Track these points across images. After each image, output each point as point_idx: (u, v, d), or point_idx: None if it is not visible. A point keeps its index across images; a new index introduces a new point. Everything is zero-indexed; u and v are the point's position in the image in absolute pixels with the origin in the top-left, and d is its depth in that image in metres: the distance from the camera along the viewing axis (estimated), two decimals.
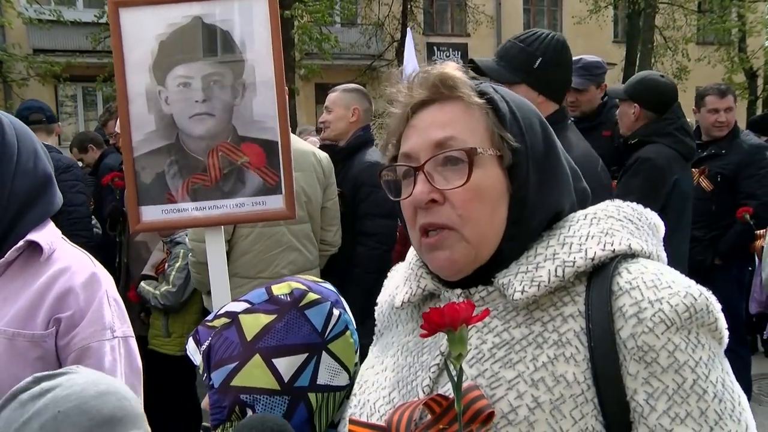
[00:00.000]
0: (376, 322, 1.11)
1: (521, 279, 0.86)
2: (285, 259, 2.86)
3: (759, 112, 17.70)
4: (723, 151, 3.95)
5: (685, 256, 3.15)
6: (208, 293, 2.81)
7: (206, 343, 1.01)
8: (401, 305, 0.97)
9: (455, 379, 0.75)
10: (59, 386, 1.03)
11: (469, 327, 0.74)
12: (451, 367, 0.75)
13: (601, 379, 0.79)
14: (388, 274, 1.13)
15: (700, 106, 4.03)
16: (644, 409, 0.77)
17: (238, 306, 1.02)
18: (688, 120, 3.52)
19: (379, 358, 1.02)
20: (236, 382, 0.95)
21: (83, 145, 5.08)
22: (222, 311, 1.03)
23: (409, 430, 0.78)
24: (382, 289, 1.12)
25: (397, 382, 0.93)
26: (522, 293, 0.85)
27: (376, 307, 1.12)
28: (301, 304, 1.00)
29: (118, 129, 3.83)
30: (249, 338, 0.97)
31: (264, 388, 0.95)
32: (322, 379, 0.98)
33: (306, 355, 0.97)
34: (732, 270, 4.06)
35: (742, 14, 18.08)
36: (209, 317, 1.05)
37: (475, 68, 2.18)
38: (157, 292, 3.30)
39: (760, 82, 19.84)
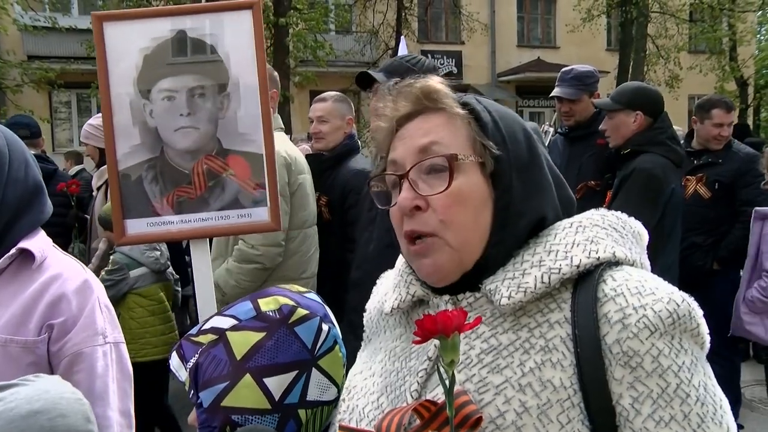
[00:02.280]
0: (364, 328, 1.12)
1: (508, 285, 0.87)
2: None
3: (750, 120, 17.88)
4: (720, 160, 3.98)
5: (677, 263, 3.17)
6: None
7: (193, 360, 0.99)
8: (391, 311, 0.99)
9: (447, 385, 0.75)
10: (1, 400, 1.00)
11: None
12: (443, 373, 0.76)
13: (588, 384, 0.80)
14: (377, 281, 1.15)
15: (704, 118, 4.01)
16: (630, 413, 0.79)
17: (225, 322, 1.00)
18: (679, 129, 3.54)
19: (367, 363, 1.03)
20: (227, 402, 0.94)
21: None
22: (207, 326, 1.01)
23: None
24: (371, 296, 1.14)
25: (385, 387, 0.94)
26: (509, 299, 0.86)
27: (364, 314, 1.13)
28: (290, 321, 0.98)
29: None
30: (239, 357, 0.95)
31: (255, 408, 0.94)
32: (311, 396, 0.97)
33: (296, 372, 0.96)
34: (729, 275, 4.09)
35: (732, 24, 18.27)
36: (193, 331, 1.03)
37: (363, 80, 2.25)
38: None
39: (750, 90, 20.03)
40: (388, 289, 1.03)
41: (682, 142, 4.15)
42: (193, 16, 1.63)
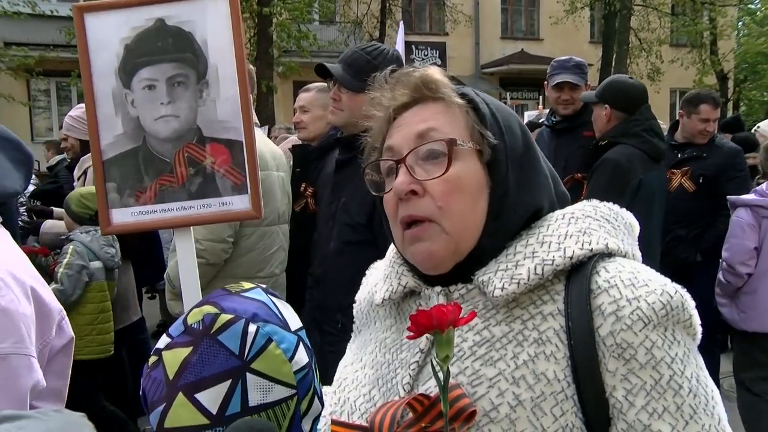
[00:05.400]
0: (354, 319, 1.11)
1: (501, 276, 0.87)
2: (277, 258, 2.88)
3: (729, 113, 18.12)
4: (704, 154, 4.03)
5: (655, 255, 3.20)
6: (175, 299, 2.76)
7: (142, 387, 0.96)
8: (381, 302, 0.98)
9: (441, 380, 0.75)
10: None
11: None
12: (437, 369, 0.75)
13: (581, 376, 0.80)
14: (367, 271, 1.14)
15: (692, 113, 4.05)
16: (623, 405, 0.79)
17: (163, 341, 0.97)
18: (660, 122, 3.57)
19: (358, 355, 1.02)
20: (168, 424, 0.91)
21: None
22: (155, 347, 0.98)
23: (392, 430, 0.78)
24: (361, 287, 1.13)
25: (377, 380, 0.93)
26: (502, 290, 0.85)
27: (354, 305, 1.12)
28: (212, 331, 0.93)
29: None
30: (171, 376, 0.92)
31: (193, 425, 0.91)
32: (254, 401, 0.92)
33: (229, 381, 0.92)
34: (711, 268, 4.14)
35: (713, 18, 18.47)
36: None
37: (322, 71, 2.27)
38: None
39: (730, 84, 20.31)
40: (379, 280, 1.02)
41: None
42: (171, 4, 1.63)
